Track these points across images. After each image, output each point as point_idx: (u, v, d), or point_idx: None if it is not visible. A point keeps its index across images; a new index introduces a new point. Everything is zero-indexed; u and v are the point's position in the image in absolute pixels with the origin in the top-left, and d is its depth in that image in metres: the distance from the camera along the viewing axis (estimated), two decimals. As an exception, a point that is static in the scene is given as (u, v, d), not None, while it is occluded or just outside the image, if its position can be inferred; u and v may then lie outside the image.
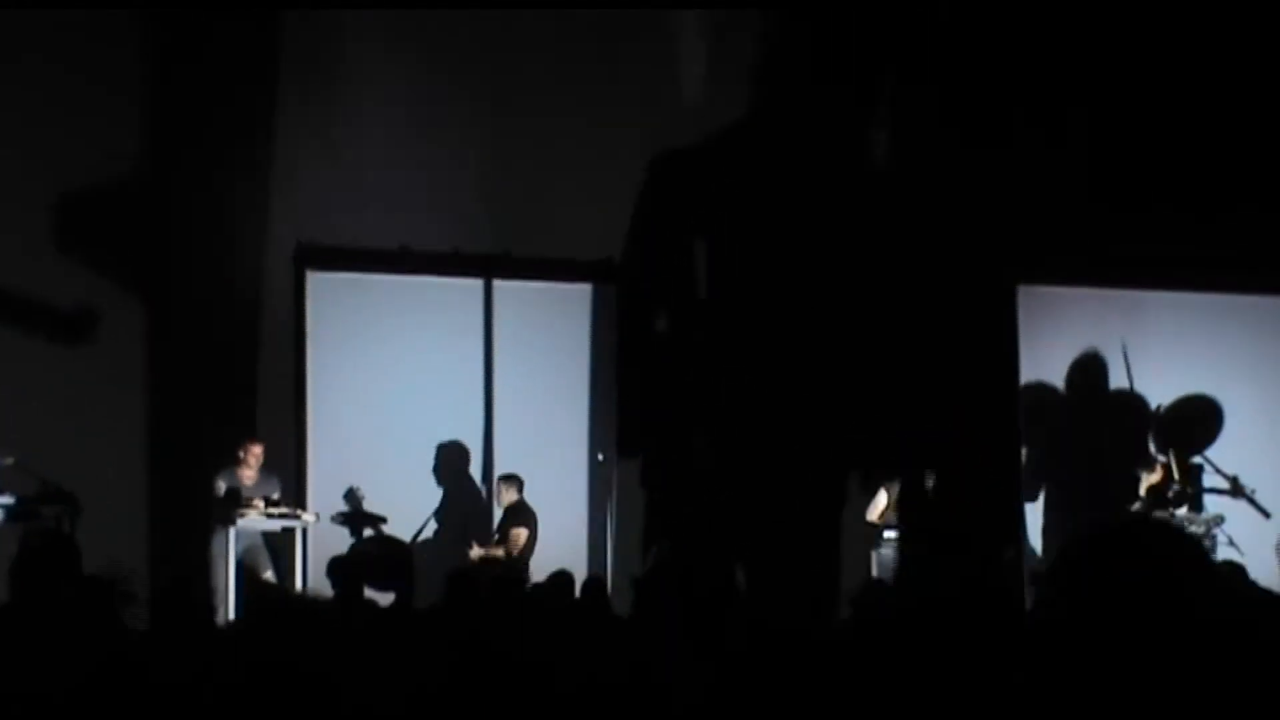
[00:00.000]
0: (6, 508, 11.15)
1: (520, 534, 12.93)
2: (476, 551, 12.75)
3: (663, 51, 13.84)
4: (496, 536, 12.99)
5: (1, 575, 5.75)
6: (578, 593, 9.51)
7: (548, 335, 13.62)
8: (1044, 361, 14.42)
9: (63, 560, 5.70)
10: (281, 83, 13.09)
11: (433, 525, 13.13)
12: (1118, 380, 14.69)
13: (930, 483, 13.00)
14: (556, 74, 13.46)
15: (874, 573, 12.35)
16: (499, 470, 13.42)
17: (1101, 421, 14.58)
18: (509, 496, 13.07)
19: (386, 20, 13.17)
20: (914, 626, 4.78)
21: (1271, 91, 14.23)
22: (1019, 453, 14.17)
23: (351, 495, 12.75)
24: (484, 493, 13.40)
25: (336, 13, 13.14)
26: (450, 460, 13.41)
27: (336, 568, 9.14)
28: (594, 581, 10.15)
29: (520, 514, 13.02)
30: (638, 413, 13.62)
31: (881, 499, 13.06)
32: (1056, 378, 14.54)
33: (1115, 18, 13.97)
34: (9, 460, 11.26)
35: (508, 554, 12.76)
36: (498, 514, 13.18)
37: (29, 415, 11.94)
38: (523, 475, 13.19)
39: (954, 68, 13.68)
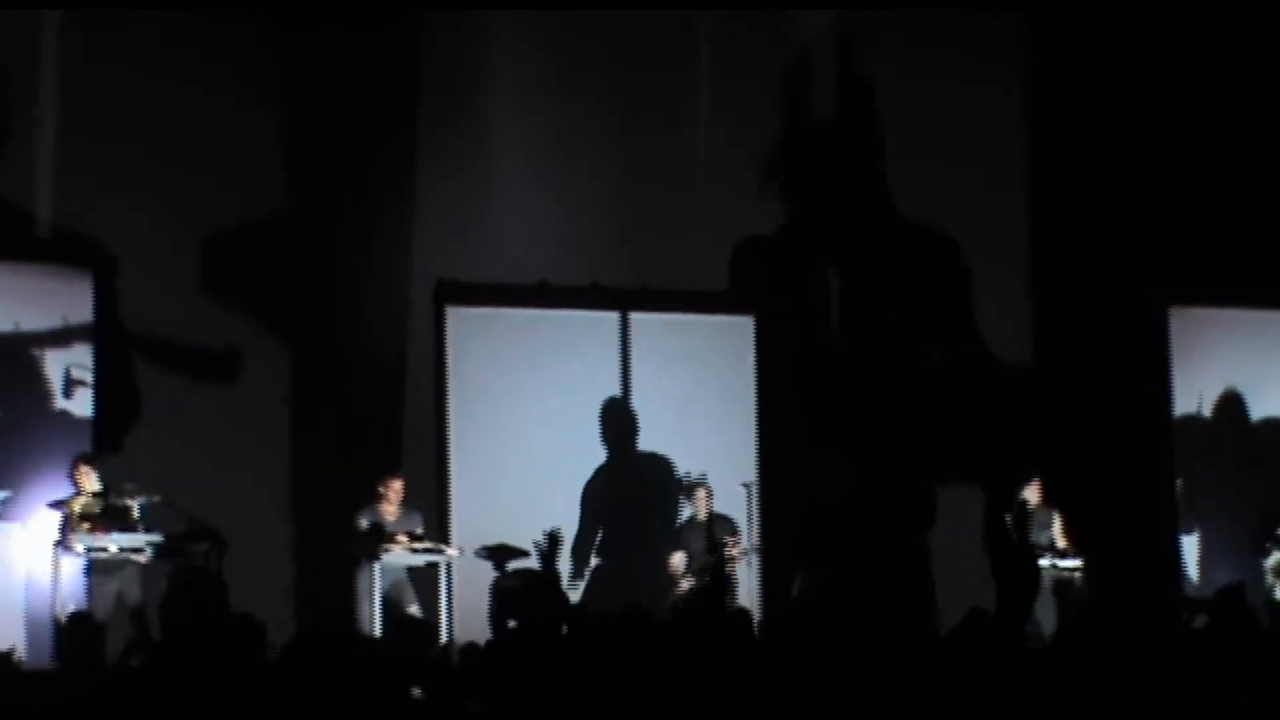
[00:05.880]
0: (155, 546, 11.25)
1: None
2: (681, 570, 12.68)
3: (798, 85, 13.83)
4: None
5: (152, 613, 5.81)
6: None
7: (684, 366, 13.61)
8: (1196, 385, 14.17)
9: (210, 598, 5.74)
10: (421, 119, 13.20)
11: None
12: (1264, 409, 14.40)
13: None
14: (693, 108, 13.48)
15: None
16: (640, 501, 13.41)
17: (1249, 452, 14.28)
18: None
19: (526, 56, 13.25)
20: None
21: None
22: (1173, 479, 13.95)
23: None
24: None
25: (477, 47, 13.24)
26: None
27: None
28: (738, 610, 10.04)
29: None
30: (778, 441, 13.55)
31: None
32: (1209, 402, 14.26)
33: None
34: (156, 498, 11.36)
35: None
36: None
37: (176, 454, 12.08)
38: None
39: (1102, 85, 13.58)
